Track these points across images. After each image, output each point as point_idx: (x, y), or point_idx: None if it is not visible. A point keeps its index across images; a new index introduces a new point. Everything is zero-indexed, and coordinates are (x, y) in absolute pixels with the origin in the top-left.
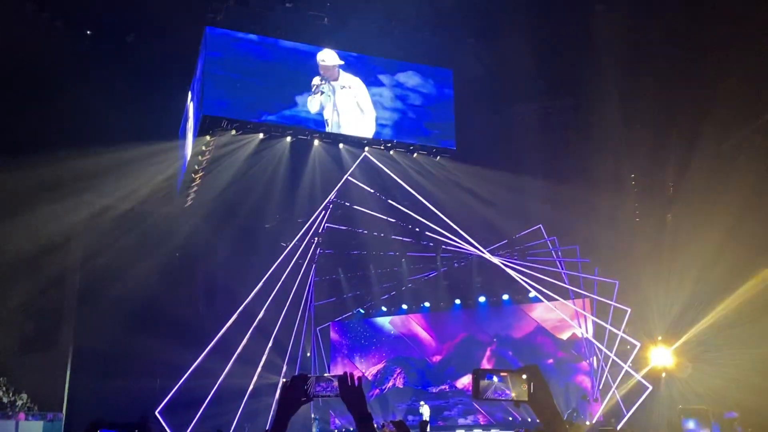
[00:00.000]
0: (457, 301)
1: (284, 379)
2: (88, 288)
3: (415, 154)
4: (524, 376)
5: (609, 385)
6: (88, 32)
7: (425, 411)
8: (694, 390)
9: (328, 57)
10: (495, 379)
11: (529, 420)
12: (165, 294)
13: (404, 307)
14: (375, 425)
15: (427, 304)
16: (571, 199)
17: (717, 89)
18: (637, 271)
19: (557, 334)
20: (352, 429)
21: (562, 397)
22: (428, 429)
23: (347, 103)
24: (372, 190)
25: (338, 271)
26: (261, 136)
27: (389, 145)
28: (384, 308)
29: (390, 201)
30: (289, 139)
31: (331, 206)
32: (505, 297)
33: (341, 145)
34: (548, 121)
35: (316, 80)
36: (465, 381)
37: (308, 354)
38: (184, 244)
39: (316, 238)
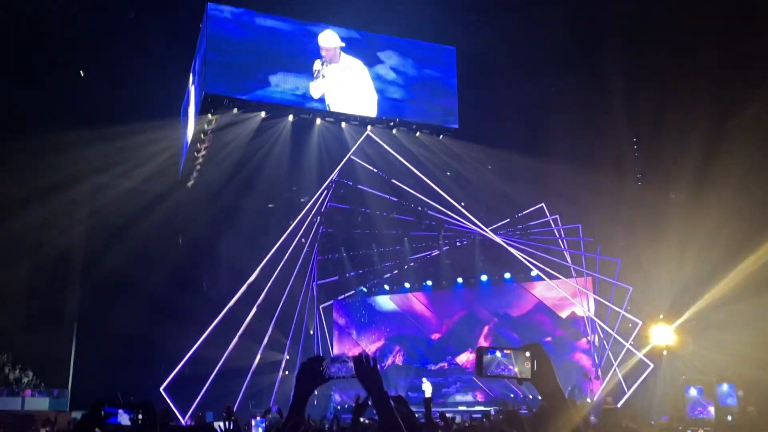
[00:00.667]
0: (459, 280)
1: (287, 357)
2: (92, 266)
3: (417, 133)
4: (527, 354)
5: (610, 363)
6: (89, 10)
7: (427, 388)
8: (695, 367)
9: (328, 39)
10: (498, 355)
11: (530, 397)
12: (168, 272)
13: (406, 285)
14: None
15: (429, 283)
16: (574, 179)
17: (723, 63)
18: (639, 250)
19: (558, 312)
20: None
21: (561, 374)
22: (431, 405)
23: (349, 86)
24: (375, 170)
25: (341, 249)
26: (263, 115)
27: (392, 123)
28: (386, 287)
29: (393, 180)
30: (291, 118)
31: (333, 185)
32: (507, 275)
33: (343, 124)
34: (552, 100)
35: (317, 65)
36: (464, 358)
37: (311, 332)
38: (187, 223)
39: (318, 217)
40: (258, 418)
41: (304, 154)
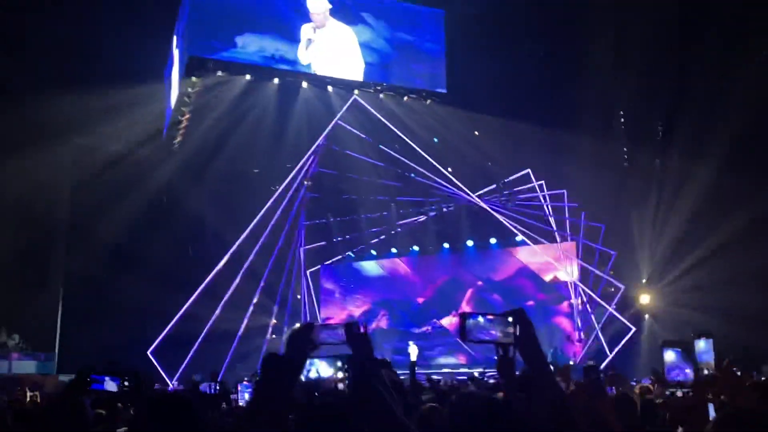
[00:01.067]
0: (446, 245)
1: (274, 321)
2: (77, 230)
3: (405, 98)
4: (510, 319)
5: (593, 327)
6: None
7: (413, 351)
8: (678, 330)
9: (317, 2)
10: (481, 320)
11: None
12: (153, 236)
13: (393, 250)
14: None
15: (415, 248)
16: (560, 144)
17: (710, 28)
18: (624, 216)
19: (541, 276)
20: None
21: (543, 338)
22: (415, 369)
23: (336, 51)
24: (362, 135)
25: (327, 215)
26: (248, 77)
27: (379, 88)
28: (373, 252)
29: (380, 145)
30: (276, 81)
31: (320, 151)
32: (493, 241)
33: (330, 88)
34: (539, 65)
35: (304, 30)
36: (446, 322)
37: (298, 297)
38: (171, 187)
39: (305, 183)
40: (245, 382)
41: (290, 118)
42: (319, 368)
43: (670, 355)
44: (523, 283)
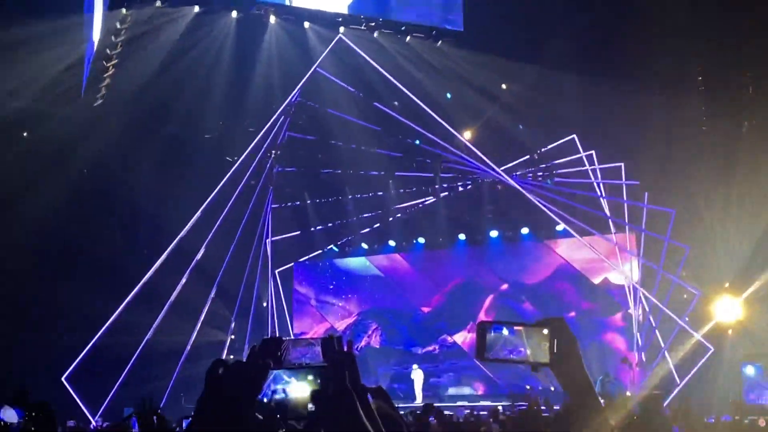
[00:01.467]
0: (462, 236)
1: (232, 337)
2: None
3: (408, 37)
4: (545, 331)
5: (658, 346)
6: None
7: (418, 377)
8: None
9: None
10: (506, 333)
11: (552, 389)
12: (73, 224)
13: (391, 243)
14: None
15: (420, 240)
16: (615, 102)
17: None
18: (700, 199)
19: (587, 278)
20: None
21: (589, 360)
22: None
23: None
24: (350, 88)
25: (304, 195)
26: (196, 9)
27: (372, 24)
28: (364, 245)
29: (374, 103)
30: (235, 14)
31: (293, 109)
32: (525, 231)
33: (307, 24)
34: None
35: None
36: (460, 339)
37: (264, 304)
38: (94, 158)
39: (273, 152)
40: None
41: (253, 64)
42: (289, 389)
43: (750, 371)
44: (563, 288)
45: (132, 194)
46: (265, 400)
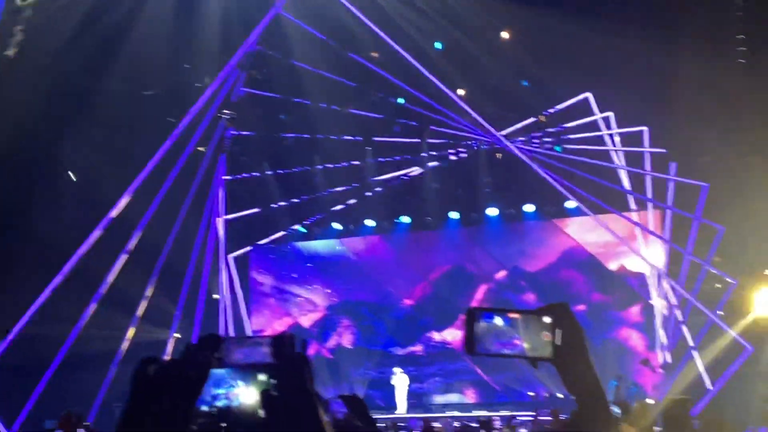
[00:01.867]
0: (454, 215)
1: (176, 335)
2: None
3: None
4: (546, 320)
5: (685, 345)
6: None
7: (400, 382)
8: None
9: None
10: (499, 322)
11: (561, 396)
12: None
13: (369, 223)
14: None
15: (405, 220)
16: (638, 54)
17: None
18: (737, 171)
19: (605, 263)
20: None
21: (604, 361)
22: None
23: None
24: (318, 34)
25: (263, 165)
26: None
27: None
28: (337, 226)
29: (347, 52)
30: None
31: (249, 60)
32: (530, 208)
33: None
34: None
35: None
36: (449, 336)
37: (214, 296)
38: (7, 118)
39: (225, 112)
40: None
41: (200, 6)
42: (234, 394)
43: None
44: (571, 276)
45: (51, 161)
46: (204, 408)
